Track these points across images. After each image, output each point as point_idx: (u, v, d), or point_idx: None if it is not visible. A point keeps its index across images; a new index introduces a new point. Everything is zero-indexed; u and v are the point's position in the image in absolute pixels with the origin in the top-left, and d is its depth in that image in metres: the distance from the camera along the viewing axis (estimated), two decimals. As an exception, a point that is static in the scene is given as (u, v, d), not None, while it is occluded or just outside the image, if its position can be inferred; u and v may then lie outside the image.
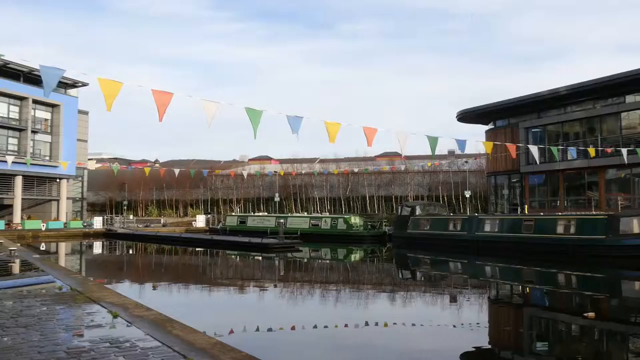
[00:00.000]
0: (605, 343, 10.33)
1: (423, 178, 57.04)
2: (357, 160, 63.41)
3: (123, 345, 6.35)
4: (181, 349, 6.07)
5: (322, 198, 59.35)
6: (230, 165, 70.38)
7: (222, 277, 21.20)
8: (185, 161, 73.93)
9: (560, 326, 11.85)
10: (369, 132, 11.90)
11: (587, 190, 33.53)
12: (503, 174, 39.13)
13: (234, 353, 5.93)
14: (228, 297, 16.51)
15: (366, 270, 24.05)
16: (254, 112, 10.27)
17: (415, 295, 16.49)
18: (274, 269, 24.44)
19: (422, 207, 35.38)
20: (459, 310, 13.80)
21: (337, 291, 17.14)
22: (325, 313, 13.29)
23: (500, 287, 18.57)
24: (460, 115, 40.97)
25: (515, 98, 36.55)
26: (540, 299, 15.93)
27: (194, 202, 64.86)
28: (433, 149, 13.43)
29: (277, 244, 30.76)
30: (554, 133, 35.80)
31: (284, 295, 16.48)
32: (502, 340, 10.88)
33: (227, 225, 44.92)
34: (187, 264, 27.61)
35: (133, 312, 8.46)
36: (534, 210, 34.87)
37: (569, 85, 33.20)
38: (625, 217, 23.59)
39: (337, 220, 38.37)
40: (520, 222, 27.21)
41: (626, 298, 15.97)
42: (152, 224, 54.12)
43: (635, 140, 30.63)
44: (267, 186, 61.78)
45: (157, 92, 9.25)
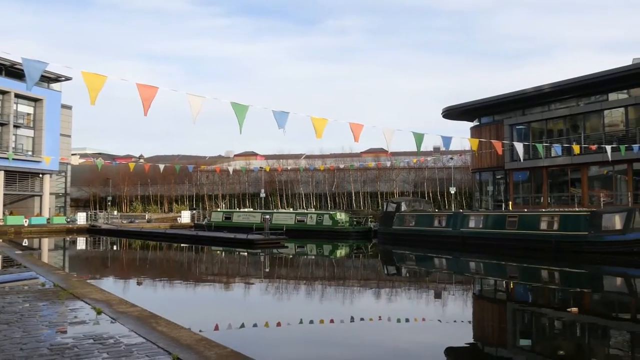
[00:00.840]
0: (588, 337, 10.45)
1: (408, 174, 57.23)
2: (343, 157, 63.42)
3: (107, 341, 6.30)
4: (166, 345, 6.04)
5: (308, 194, 59.33)
6: (215, 161, 70.03)
7: (207, 273, 21.12)
8: (170, 156, 73.52)
9: (544, 321, 11.97)
10: (355, 127, 11.90)
11: (570, 187, 33.89)
12: (487, 170, 39.40)
13: (218, 349, 5.91)
14: (213, 293, 16.46)
15: (351, 266, 24.10)
16: (239, 107, 10.22)
17: (400, 290, 16.56)
18: (260, 265, 24.40)
19: (408, 204, 35.51)
20: (443, 305, 13.89)
21: (323, 287, 17.16)
22: (310, 309, 13.30)
23: (484, 282, 18.72)
24: (446, 112, 41.16)
25: (500, 95, 36.79)
26: (524, 294, 16.09)
27: (179, 198, 64.51)
28: (419, 146, 13.47)
29: (263, 240, 30.71)
30: (537, 130, 36.10)
31: (269, 291, 16.46)
32: (486, 335, 10.97)
33: (212, 221, 44.75)
34: (172, 260, 27.46)
35: (117, 309, 8.40)
36: (518, 206, 35.15)
37: (552, 83, 33.49)
38: (607, 214, 23.88)
39: (322, 216, 38.40)
40: (505, 218, 27.43)
41: (608, 293, 16.18)
42: (137, 220, 53.72)
43: (617, 137, 30.99)
44: (253, 182, 61.62)
45: (141, 86, 9.17)
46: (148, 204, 64.52)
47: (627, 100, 31.10)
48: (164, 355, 5.68)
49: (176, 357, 5.54)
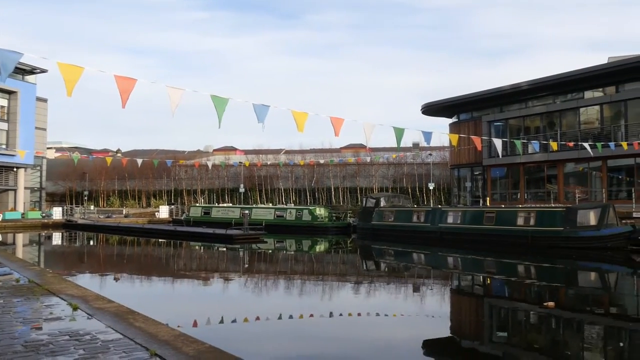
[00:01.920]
0: (563, 331, 10.63)
1: (388, 170, 57.48)
2: (322, 152, 63.40)
3: (83, 338, 6.22)
4: (143, 341, 5.98)
5: (288, 189, 59.26)
6: (194, 156, 69.49)
7: (186, 269, 20.99)
8: (148, 151, 72.71)
9: (521, 315, 12.13)
10: (336, 122, 11.90)
11: (546, 183, 34.38)
12: (466, 166, 39.77)
13: (197, 345, 5.88)
14: (192, 288, 16.36)
15: (331, 262, 24.15)
16: (219, 100, 10.14)
17: (379, 285, 16.65)
18: (239, 260, 24.32)
19: (387, 199, 35.68)
20: (421, 300, 14.00)
21: (302, 282, 17.17)
22: (290, 304, 13.30)
23: (462, 277, 18.91)
24: (425, 108, 41.40)
25: (479, 92, 37.12)
26: (501, 289, 16.29)
27: (157, 193, 63.91)
28: (399, 141, 13.52)
29: (242, 235, 30.61)
30: (515, 127, 36.52)
31: (248, 287, 16.42)
32: (463, 329, 11.09)
33: (190, 216, 44.45)
34: (150, 255, 27.23)
35: (94, 304, 8.30)
36: (495, 202, 35.57)
37: (530, 81, 33.89)
38: (582, 210, 24.27)
39: (302, 212, 38.39)
40: (482, 214, 27.72)
41: (582, 288, 16.47)
42: (114, 215, 53.11)
43: (592, 135, 31.50)
44: (232, 177, 61.30)
45: (120, 77, 9.04)
46: (126, 199, 63.83)
47: (603, 98, 31.63)
48: (141, 351, 5.63)
49: (154, 353, 5.50)
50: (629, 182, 29.95)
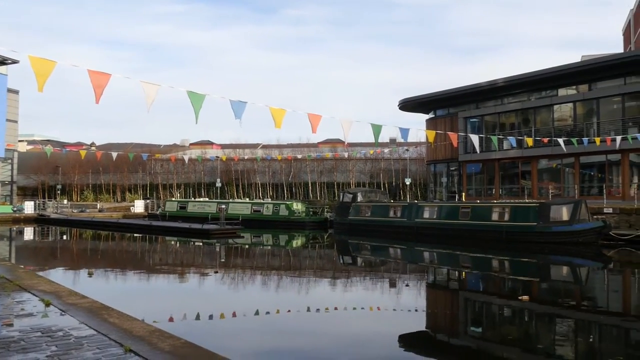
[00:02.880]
0: (537, 324, 10.81)
1: (365, 165, 57.68)
2: (300, 147, 63.32)
3: (56, 334, 6.12)
4: (117, 337, 5.91)
5: (265, 184, 59.08)
6: (170, 150, 68.77)
7: (162, 264, 20.80)
8: (124, 144, 71.75)
9: (496, 309, 12.31)
10: (313, 118, 11.88)
11: (520, 179, 34.86)
12: (442, 162, 40.10)
13: (172, 340, 5.83)
14: (167, 284, 16.23)
15: (307, 256, 24.17)
16: (195, 96, 10.03)
17: (355, 280, 16.72)
18: (215, 255, 24.19)
19: (364, 194, 35.81)
20: (398, 294, 14.10)
21: (279, 277, 17.16)
22: (266, 299, 13.28)
23: (437, 272, 19.09)
24: (402, 104, 41.60)
25: (455, 88, 37.42)
26: (476, 283, 16.49)
27: (132, 187, 63.17)
28: (376, 136, 13.56)
29: (218, 230, 30.45)
30: (491, 123, 36.93)
31: (225, 282, 16.34)
32: (439, 323, 11.20)
33: (166, 210, 44.04)
34: (125, 250, 26.92)
35: (67, 300, 8.17)
36: (470, 197, 35.96)
37: (505, 78, 34.28)
38: (555, 205, 24.68)
39: (279, 207, 38.32)
40: (458, 209, 27.99)
41: (555, 282, 16.76)
42: (88, 209, 52.33)
43: (565, 132, 32.02)
44: (209, 171, 60.88)
45: (93, 72, 8.88)
46: (100, 193, 62.96)
47: (576, 96, 32.15)
48: (115, 347, 5.57)
49: (128, 348, 5.44)
50: (601, 179, 30.54)
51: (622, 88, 29.63)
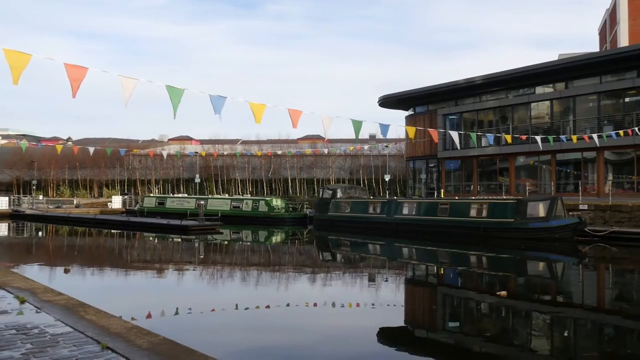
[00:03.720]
0: (514, 319, 10.95)
1: (345, 161, 57.77)
2: (279, 143, 63.17)
3: (31, 331, 6.03)
4: (94, 334, 5.84)
5: (244, 180, 58.85)
6: (148, 145, 68.08)
7: (140, 260, 20.61)
8: (101, 139, 70.89)
9: (474, 304, 12.44)
10: (294, 114, 11.84)
11: (498, 176, 35.24)
12: (421, 159, 40.34)
13: (150, 337, 5.78)
14: (146, 280, 16.08)
15: (287, 252, 24.16)
16: (174, 90, 9.93)
17: (335, 276, 16.76)
18: (194, 251, 24.05)
19: (343, 190, 35.86)
20: (377, 290, 14.17)
21: (258, 273, 17.13)
22: (246, 295, 13.24)
23: (416, 267, 19.23)
24: (382, 101, 41.73)
25: (434, 85, 37.64)
26: (454, 278, 16.65)
27: (110, 183, 62.39)
28: (357, 133, 13.56)
29: (197, 226, 30.26)
30: (469, 120, 37.24)
31: (203, 278, 16.26)
32: (417, 318, 11.29)
33: (144, 206, 43.61)
34: (102, 246, 26.61)
35: (42, 297, 8.05)
36: (449, 194, 36.25)
37: (484, 75, 34.57)
38: (532, 202, 25.00)
39: (258, 203, 38.21)
40: (437, 205, 28.20)
41: (532, 277, 16.99)
42: (64, 205, 51.57)
43: (542, 129, 32.43)
44: (188, 167, 60.42)
45: (70, 66, 8.72)
46: (76, 189, 62.07)
47: (553, 94, 32.58)
48: (92, 344, 5.50)
49: (105, 346, 5.38)
50: (576, 176, 31.02)
51: (597, 86, 30.12)
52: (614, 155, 29.79)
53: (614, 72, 29.87)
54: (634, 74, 29.07)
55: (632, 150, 28.59)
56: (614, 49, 38.24)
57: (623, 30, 56.41)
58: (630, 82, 28.87)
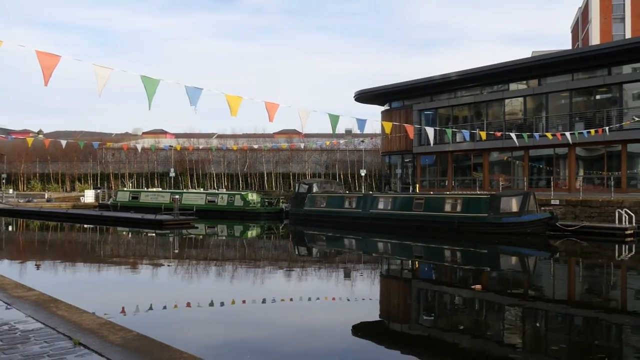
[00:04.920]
0: (487, 312, 11.10)
1: (321, 156, 57.81)
2: (255, 137, 62.92)
3: (1, 328, 5.91)
4: (66, 330, 5.75)
5: (220, 174, 58.49)
6: (122, 138, 67.18)
7: (113, 255, 20.34)
8: (73, 132, 69.70)
9: (448, 298, 12.57)
10: (270, 107, 11.76)
11: (472, 171, 35.64)
12: (396, 154, 40.57)
13: (123, 332, 5.71)
14: (119, 275, 15.88)
15: (263, 247, 24.11)
16: (149, 81, 9.77)
17: (311, 271, 16.77)
18: (169, 246, 23.83)
19: (319, 185, 35.86)
20: (352, 284, 14.23)
21: (234, 268, 17.05)
22: (221, 290, 13.18)
23: (391, 262, 19.35)
24: (358, 96, 41.82)
25: (410, 81, 37.85)
26: (429, 273, 16.80)
27: (82, 177, 61.43)
28: (334, 127, 13.54)
29: (172, 221, 29.99)
30: (444, 116, 37.56)
31: (178, 273, 16.13)
32: (392, 312, 11.37)
33: (118, 200, 43.04)
34: (74, 241, 26.20)
35: (12, 293, 7.89)
36: (424, 189, 36.55)
37: (459, 71, 34.88)
38: (505, 197, 25.34)
39: (233, 197, 38.01)
40: (412, 200, 28.39)
41: (505, 271, 17.24)
42: (35, 199, 50.63)
43: (516, 125, 32.89)
44: (162, 161, 59.79)
45: (42, 53, 8.52)
46: (48, 183, 60.98)
47: (526, 90, 33.05)
48: (64, 340, 5.41)
49: (77, 342, 5.30)
50: (548, 172, 31.56)
51: (569, 84, 30.64)
52: (585, 152, 30.38)
53: (586, 70, 30.42)
54: (604, 72, 29.65)
55: (602, 147, 29.19)
56: (585, 47, 38.94)
57: (594, 28, 57.41)
58: (601, 79, 29.44)
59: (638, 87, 28.70)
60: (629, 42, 30.85)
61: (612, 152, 28.99)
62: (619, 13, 56.61)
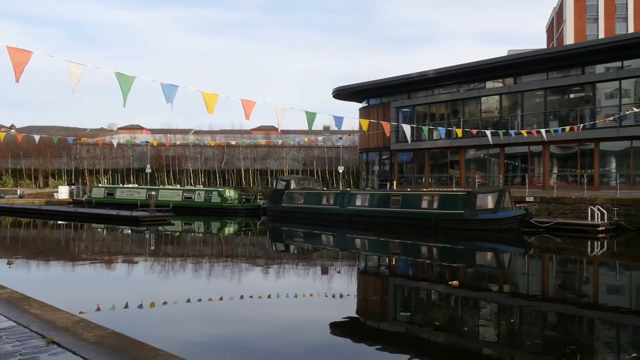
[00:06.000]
0: (463, 308, 11.22)
1: (298, 153, 57.72)
2: (232, 133, 62.49)
3: (-29, 327, 5.78)
4: (39, 329, 5.66)
5: (196, 170, 58.03)
6: (97, 134, 66.15)
7: (88, 252, 20.07)
8: (46, 127, 68.39)
9: (425, 294, 12.68)
10: (247, 104, 11.71)
11: (449, 168, 35.97)
12: (374, 150, 40.73)
13: (99, 330, 5.64)
14: (95, 273, 15.67)
15: (240, 244, 24.01)
16: (124, 78, 9.65)
17: (288, 267, 16.76)
18: (145, 243, 23.59)
19: (297, 181, 35.83)
20: (330, 281, 14.26)
21: (211, 265, 16.96)
22: (198, 287, 13.09)
23: (369, 258, 19.43)
24: (336, 93, 41.86)
25: (388, 78, 38.00)
26: (406, 269, 16.92)
27: (56, 172, 60.39)
28: (310, 124, 13.55)
29: (148, 217, 29.69)
30: (422, 113, 37.82)
31: (155, 270, 15.98)
32: (370, 309, 11.42)
33: (92, 197, 42.45)
34: (48, 238, 25.78)
35: (-17, 291, 7.73)
36: (402, 186, 36.77)
37: (436, 69, 35.13)
38: (481, 194, 25.64)
39: (211, 193, 37.78)
40: (389, 197, 28.54)
41: (481, 267, 17.45)
42: (7, 195, 49.65)
43: (492, 123, 33.28)
44: (138, 157, 59.08)
45: (13, 49, 8.35)
46: (20, 178, 59.80)
47: (502, 88, 33.45)
48: (37, 339, 5.32)
49: (51, 340, 5.22)
50: (523, 169, 32.00)
51: (544, 82, 31.09)
52: (559, 150, 30.88)
53: (560, 69, 30.91)
54: (578, 71, 30.16)
55: (575, 145, 29.70)
56: (560, 46, 39.54)
57: (569, 28, 58.31)
58: (575, 78, 29.93)
59: (610, 86, 29.25)
60: (602, 42, 31.43)
61: (585, 150, 29.51)
62: (592, 13, 57.61)
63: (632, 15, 55.89)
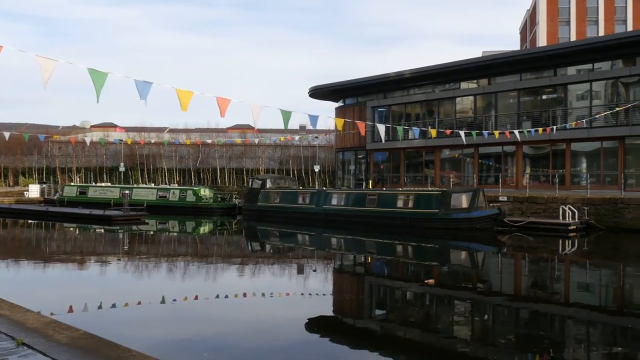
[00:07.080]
0: (437, 306, 11.32)
1: (274, 152, 57.63)
2: (208, 132, 62.13)
3: (-63, 328, 5.63)
4: (9, 330, 5.53)
5: (171, 169, 57.51)
6: (69, 131, 65.06)
7: (59, 252, 19.72)
8: (16, 125, 67.04)
9: (401, 293, 12.75)
10: (222, 102, 11.62)
11: (424, 168, 36.24)
12: (350, 150, 40.83)
13: (70, 331, 5.54)
14: (66, 273, 15.41)
15: (215, 243, 23.86)
16: (97, 74, 9.49)
17: (264, 266, 16.71)
18: (118, 242, 23.28)
19: (273, 180, 35.73)
20: (305, 280, 14.26)
21: (186, 264, 16.81)
22: (173, 287, 12.97)
23: (344, 257, 19.47)
24: (312, 92, 41.83)
25: (364, 78, 38.11)
26: (382, 268, 17.00)
27: (27, 171, 59.26)
28: (286, 123, 13.51)
29: (121, 216, 29.31)
30: (397, 113, 38.03)
31: (128, 270, 15.77)
32: (346, 307, 11.44)
33: (64, 196, 41.72)
34: (18, 237, 25.27)
35: (-50, 292, 7.53)
36: (377, 185, 36.92)
37: (412, 69, 35.35)
38: (456, 193, 25.89)
39: (185, 192, 37.46)
40: (365, 196, 28.64)
41: (455, 265, 17.63)
42: (-25, 194, 48.54)
43: (466, 123, 33.63)
44: (112, 155, 58.30)
45: (-19, 44, 8.16)
46: (-11, 177, 58.53)
47: (476, 89, 33.82)
48: (6, 341, 5.21)
49: (21, 342, 5.11)
50: (497, 169, 32.42)
51: (517, 83, 31.54)
52: (532, 150, 31.36)
53: (533, 70, 31.37)
54: (551, 73, 30.65)
55: (548, 145, 30.18)
56: (533, 48, 40.14)
57: (542, 30, 59.24)
58: (548, 80, 30.42)
59: (581, 87, 29.79)
60: (573, 44, 32.00)
61: (557, 151, 30.02)
62: (564, 16, 58.60)
63: (602, 18, 57.03)
